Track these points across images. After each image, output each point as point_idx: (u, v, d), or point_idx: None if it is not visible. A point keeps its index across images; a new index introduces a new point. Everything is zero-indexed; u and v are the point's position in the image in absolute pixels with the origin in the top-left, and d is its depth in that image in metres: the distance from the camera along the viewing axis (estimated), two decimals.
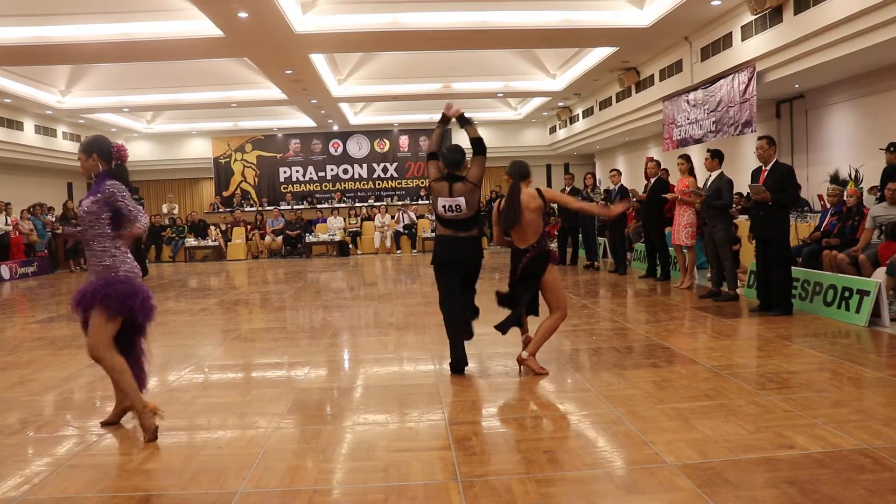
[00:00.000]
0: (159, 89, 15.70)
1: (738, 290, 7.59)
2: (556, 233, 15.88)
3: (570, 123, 19.30)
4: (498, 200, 4.63)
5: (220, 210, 19.76)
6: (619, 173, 11.02)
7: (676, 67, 12.60)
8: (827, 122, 11.39)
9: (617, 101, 15.56)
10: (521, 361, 4.57)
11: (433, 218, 17.24)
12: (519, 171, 4.51)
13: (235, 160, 21.76)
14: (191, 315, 7.94)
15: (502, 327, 4.59)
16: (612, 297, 8.40)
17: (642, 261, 10.37)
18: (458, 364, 4.66)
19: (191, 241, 17.24)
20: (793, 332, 5.75)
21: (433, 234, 16.68)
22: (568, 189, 12.14)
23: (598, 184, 12.83)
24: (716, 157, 7.72)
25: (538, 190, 4.49)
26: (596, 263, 11.35)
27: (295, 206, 19.29)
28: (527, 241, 4.48)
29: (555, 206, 16.40)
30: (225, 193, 21.49)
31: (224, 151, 21.74)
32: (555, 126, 21.04)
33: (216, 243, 17.21)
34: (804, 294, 6.76)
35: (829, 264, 7.06)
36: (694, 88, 12.03)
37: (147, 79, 14.96)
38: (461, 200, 4.49)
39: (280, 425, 3.72)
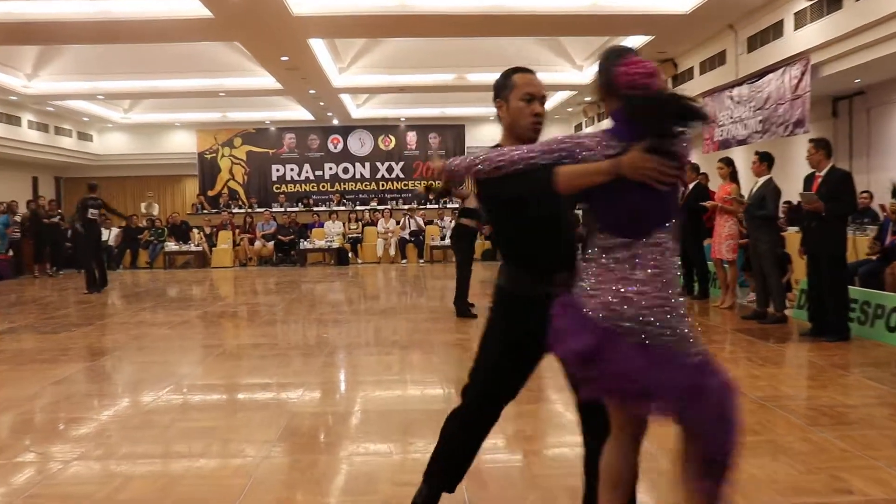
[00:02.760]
0: (139, 75, 15.78)
1: (786, 312, 7.54)
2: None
3: (598, 121, 19.28)
4: None
5: (205, 211, 19.84)
6: None
7: (719, 59, 12.58)
8: (891, 121, 11.33)
9: None
10: None
11: (443, 225, 17.44)
12: None
13: (223, 156, 21.90)
14: (170, 328, 7.96)
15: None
16: None
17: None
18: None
19: (171, 246, 17.31)
20: (850, 360, 5.70)
21: (444, 242, 16.82)
22: None
23: None
24: (764, 160, 7.66)
25: None
26: None
27: (289, 209, 19.35)
28: None
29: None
30: (210, 193, 21.60)
31: (210, 146, 21.88)
32: (580, 124, 21.03)
33: (199, 248, 17.28)
34: (864, 317, 6.70)
35: (894, 284, 7.01)
36: (739, 83, 12.01)
37: (125, 63, 15.04)
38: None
39: (269, 454, 3.71)
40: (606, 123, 2.31)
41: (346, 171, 22.02)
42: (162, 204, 21.72)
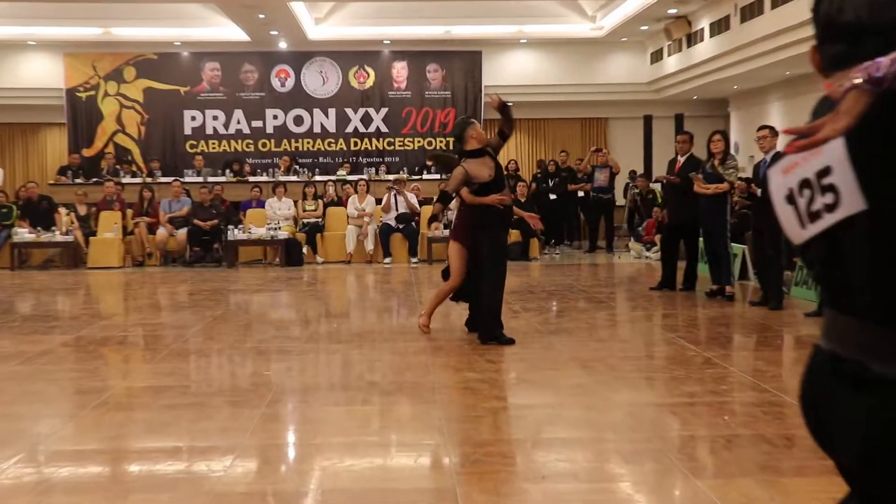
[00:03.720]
0: None
1: None
2: (655, 232, 15.86)
3: (688, 46, 19.23)
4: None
5: (79, 181, 19.84)
6: (774, 134, 10.98)
7: None
8: None
9: (772, 8, 15.51)
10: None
11: (448, 206, 17.37)
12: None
13: (106, 94, 21.83)
14: (21, 362, 7.93)
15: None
16: (758, 348, 8.37)
17: (811, 287, 10.33)
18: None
19: (23, 233, 17.26)
20: None
21: (448, 232, 16.77)
22: (682, 159, 12.08)
23: (734, 150, 12.78)
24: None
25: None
26: (728, 289, 11.28)
27: (210, 178, 19.33)
28: None
29: (657, 188, 16.57)
30: (87, 152, 21.56)
31: (87, 79, 21.83)
32: (660, 50, 20.99)
33: (69, 238, 17.25)
34: None
35: None
36: None
37: None
38: None
39: None
40: (703, 49, 2.28)
41: (298, 121, 21.99)
42: (8, 168, 21.70)
